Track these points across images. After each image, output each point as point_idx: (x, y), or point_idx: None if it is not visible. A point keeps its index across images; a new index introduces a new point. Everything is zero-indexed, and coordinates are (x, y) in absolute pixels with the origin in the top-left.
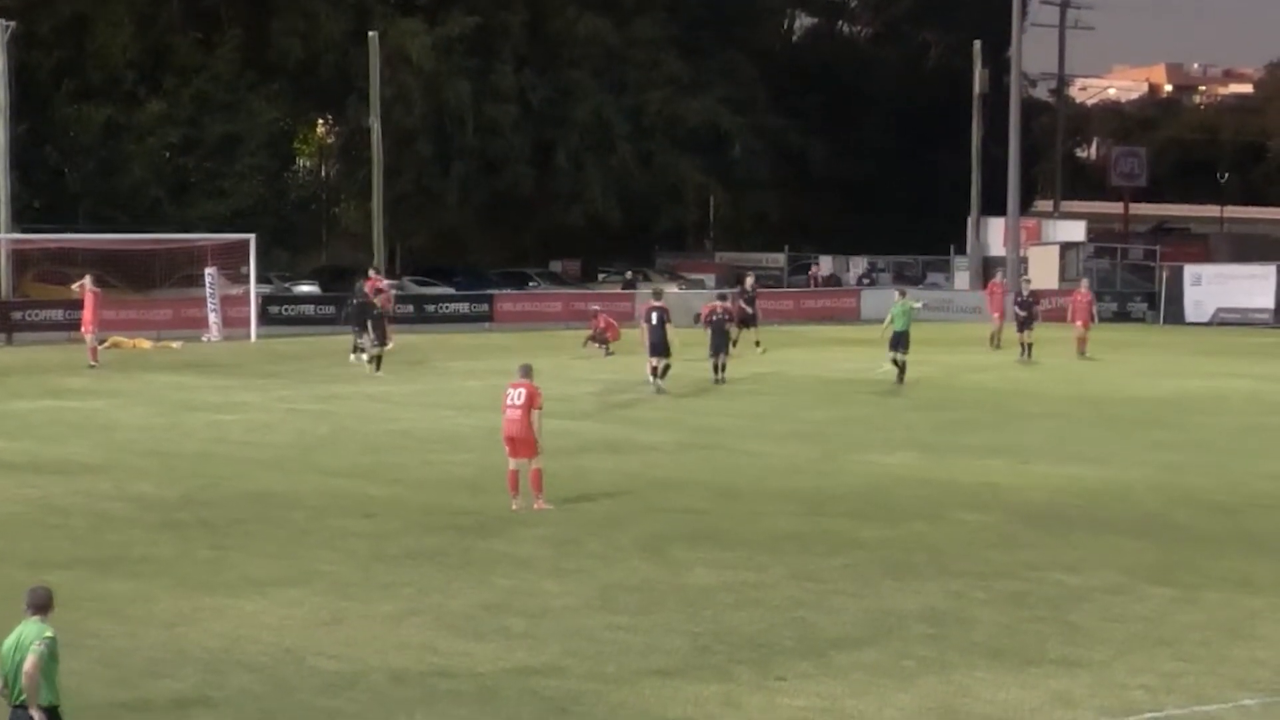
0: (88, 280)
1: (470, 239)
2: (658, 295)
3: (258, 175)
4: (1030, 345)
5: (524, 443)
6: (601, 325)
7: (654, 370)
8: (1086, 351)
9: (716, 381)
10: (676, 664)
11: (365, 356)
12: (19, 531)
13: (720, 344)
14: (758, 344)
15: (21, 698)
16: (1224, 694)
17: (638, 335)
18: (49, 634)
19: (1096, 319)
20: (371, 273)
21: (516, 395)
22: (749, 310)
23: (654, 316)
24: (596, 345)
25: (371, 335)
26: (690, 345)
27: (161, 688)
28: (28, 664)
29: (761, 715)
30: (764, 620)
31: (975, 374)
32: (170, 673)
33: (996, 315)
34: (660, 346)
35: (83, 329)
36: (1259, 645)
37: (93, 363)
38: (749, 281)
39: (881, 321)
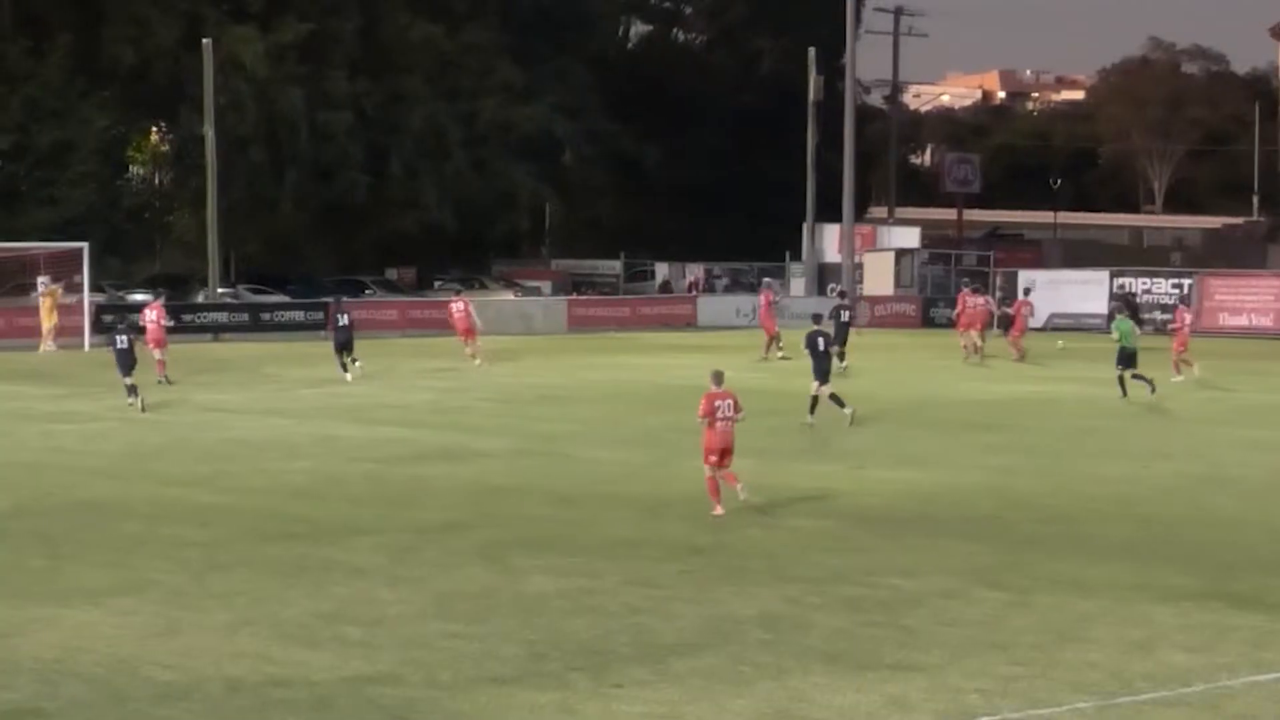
0: None
1: (305, 246)
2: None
3: (89, 183)
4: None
5: (730, 450)
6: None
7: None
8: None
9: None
10: (513, 671)
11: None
12: None
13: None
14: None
15: None
16: (1058, 697)
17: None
18: None
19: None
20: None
21: (727, 406)
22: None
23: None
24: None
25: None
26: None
27: None
28: None
29: None
30: (600, 627)
31: (809, 379)
32: (3, 683)
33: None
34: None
35: None
36: (1092, 648)
37: None
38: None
39: (713, 329)
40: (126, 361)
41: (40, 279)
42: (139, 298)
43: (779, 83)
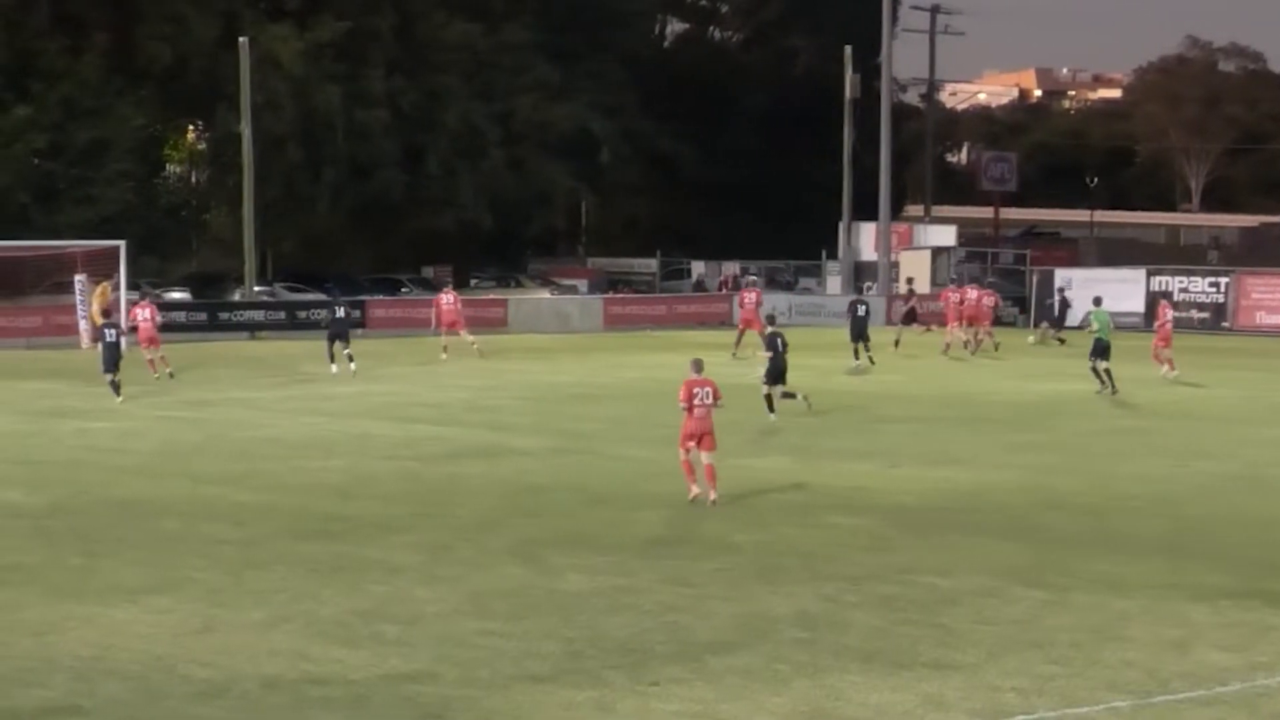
0: None
1: (341, 245)
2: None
3: (126, 181)
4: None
5: (708, 436)
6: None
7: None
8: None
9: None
10: (549, 669)
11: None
12: None
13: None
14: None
15: None
16: (1095, 696)
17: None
18: None
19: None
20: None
21: (705, 394)
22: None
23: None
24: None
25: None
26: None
27: (31, 696)
28: None
29: None
30: (636, 625)
31: (844, 378)
32: (40, 681)
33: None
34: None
35: None
36: (1129, 647)
37: None
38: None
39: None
40: (112, 356)
41: (77, 277)
42: (176, 295)
43: (815, 81)
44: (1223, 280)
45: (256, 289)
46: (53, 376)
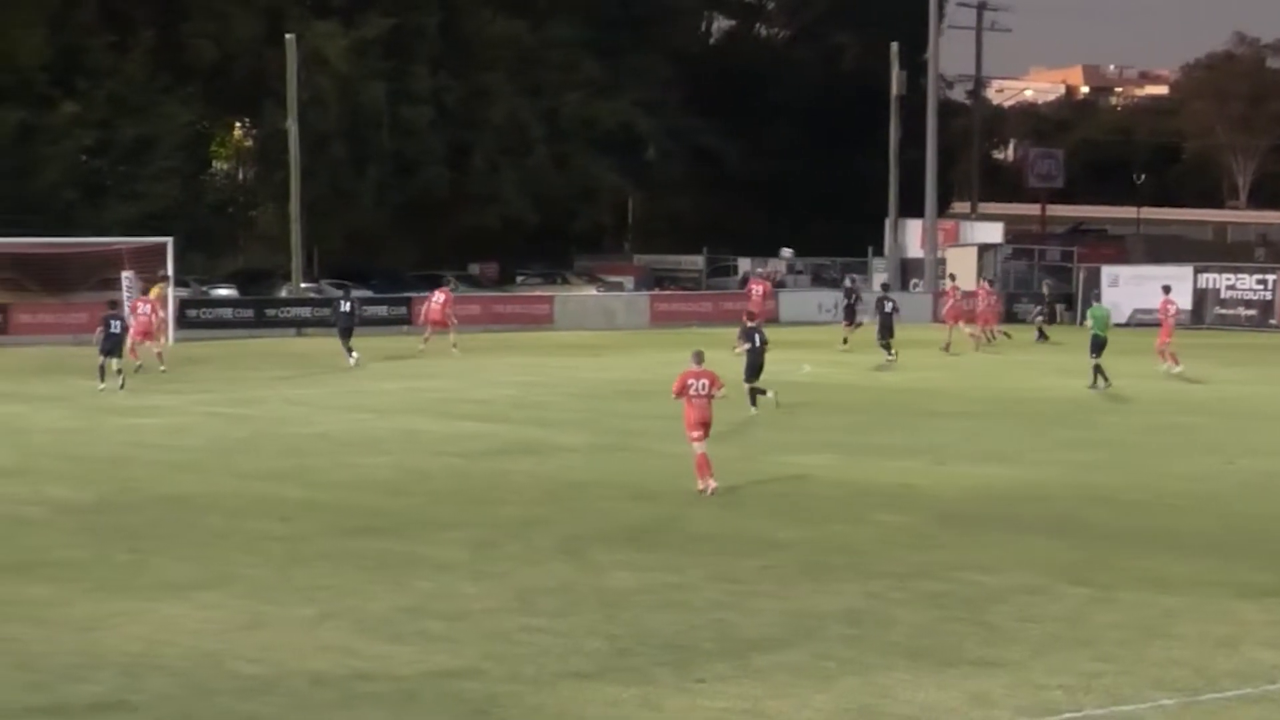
0: None
1: (386, 241)
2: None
3: (173, 178)
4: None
5: (708, 425)
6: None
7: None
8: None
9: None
10: (595, 666)
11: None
12: None
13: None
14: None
15: None
16: (1142, 694)
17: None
18: None
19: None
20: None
21: (701, 385)
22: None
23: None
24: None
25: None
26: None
27: (79, 691)
28: None
29: (681, 717)
30: (683, 622)
31: (890, 374)
32: (88, 676)
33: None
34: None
35: None
36: (1176, 645)
37: None
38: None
39: (794, 324)
40: (111, 344)
41: (124, 274)
42: (222, 292)
43: (861, 78)
44: (1270, 277)
45: (303, 285)
46: (100, 373)
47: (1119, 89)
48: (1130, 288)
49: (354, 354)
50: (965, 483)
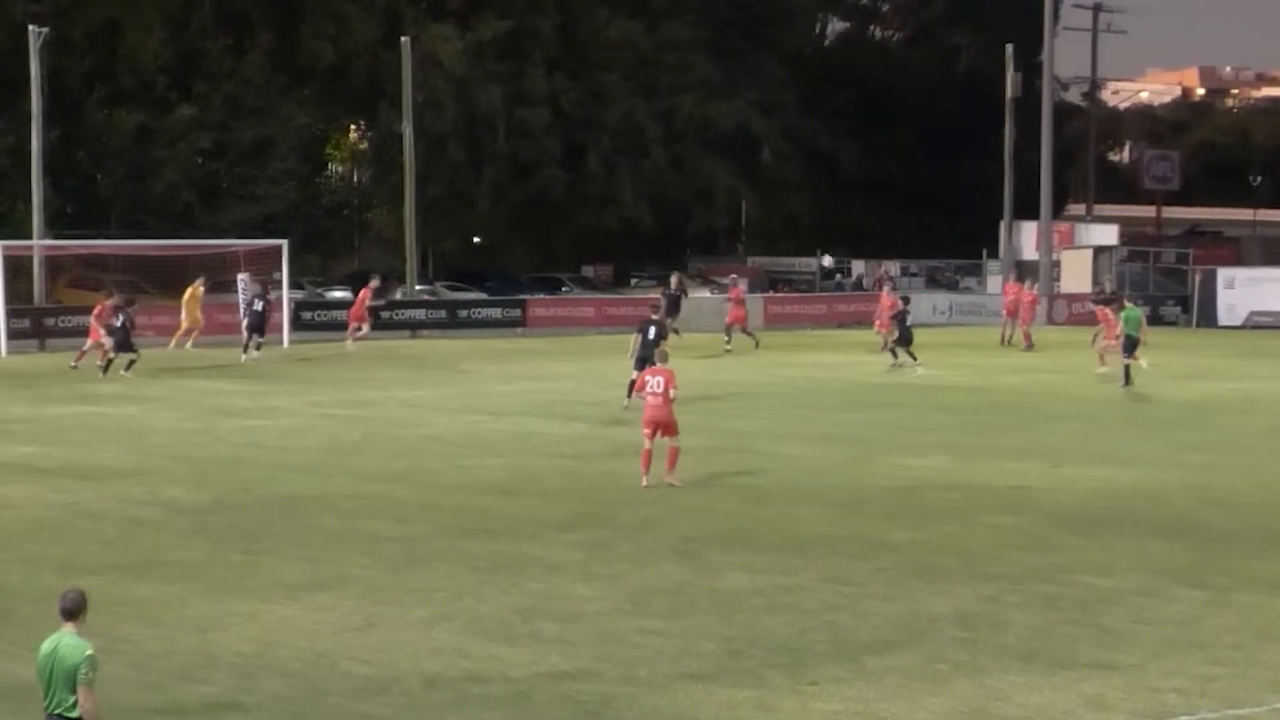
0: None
1: (501, 243)
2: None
3: (289, 180)
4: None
5: (667, 424)
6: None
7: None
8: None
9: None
10: (709, 668)
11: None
12: (51, 536)
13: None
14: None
15: (58, 709)
16: (1257, 697)
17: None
18: (89, 651)
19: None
20: None
21: (656, 383)
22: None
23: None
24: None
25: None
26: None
27: (193, 692)
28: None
29: None
30: (796, 624)
31: (1006, 376)
32: (202, 677)
33: (1008, 315)
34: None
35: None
36: None
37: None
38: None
39: (912, 324)
40: (121, 340)
41: (240, 275)
42: (337, 294)
43: (977, 80)
44: None
45: (418, 288)
46: (216, 375)
47: (1235, 90)
48: (1246, 290)
49: (252, 352)
50: (1080, 485)
